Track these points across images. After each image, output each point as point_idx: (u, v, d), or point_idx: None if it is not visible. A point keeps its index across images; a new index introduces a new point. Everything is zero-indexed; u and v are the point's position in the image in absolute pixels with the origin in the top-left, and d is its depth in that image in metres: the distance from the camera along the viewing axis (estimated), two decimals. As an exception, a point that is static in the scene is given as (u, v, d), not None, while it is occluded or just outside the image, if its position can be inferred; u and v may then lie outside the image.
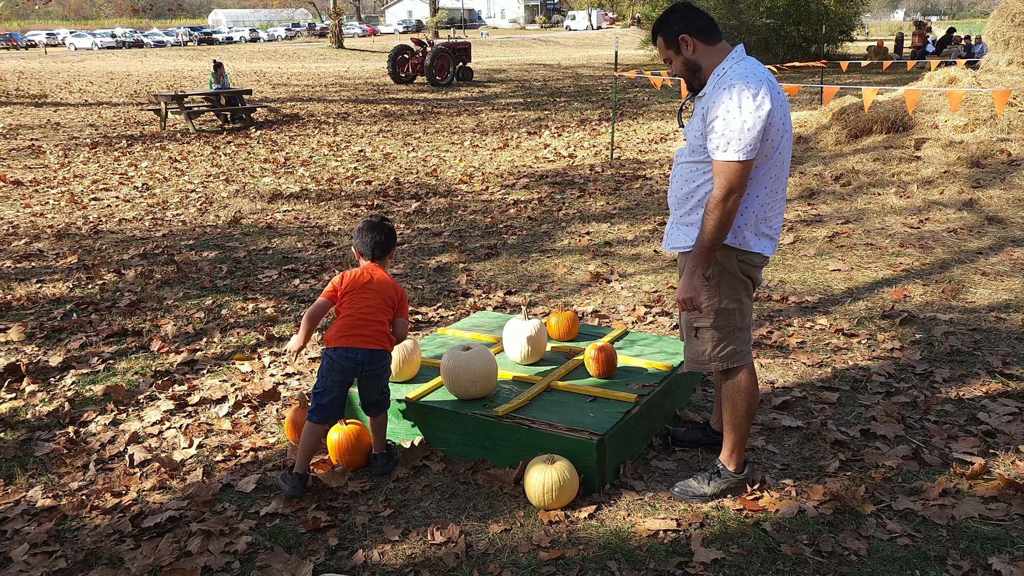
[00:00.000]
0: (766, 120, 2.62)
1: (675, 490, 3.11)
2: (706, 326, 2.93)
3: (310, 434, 3.16)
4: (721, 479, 3.07)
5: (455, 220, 7.98)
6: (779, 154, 2.75)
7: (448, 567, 2.73)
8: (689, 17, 2.78)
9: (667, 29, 2.80)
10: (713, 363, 2.97)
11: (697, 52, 2.77)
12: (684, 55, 2.79)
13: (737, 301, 2.90)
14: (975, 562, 2.68)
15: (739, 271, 2.86)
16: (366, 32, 71.96)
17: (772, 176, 2.78)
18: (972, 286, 5.45)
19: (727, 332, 2.93)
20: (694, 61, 2.79)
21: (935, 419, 3.67)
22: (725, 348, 2.94)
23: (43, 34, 64.81)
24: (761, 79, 2.65)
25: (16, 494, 3.26)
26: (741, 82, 2.62)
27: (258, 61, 38.23)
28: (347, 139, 13.98)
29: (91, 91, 23.65)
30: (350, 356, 3.10)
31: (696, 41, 2.76)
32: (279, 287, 5.96)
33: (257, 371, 4.45)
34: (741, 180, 2.64)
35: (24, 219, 8.33)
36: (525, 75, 29.50)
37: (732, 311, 2.91)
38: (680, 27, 2.77)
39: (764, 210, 2.82)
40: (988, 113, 9.82)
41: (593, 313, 5.22)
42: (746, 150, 2.61)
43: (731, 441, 3.05)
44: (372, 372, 3.17)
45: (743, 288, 2.90)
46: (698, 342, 2.97)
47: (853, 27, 34.64)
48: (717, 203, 2.66)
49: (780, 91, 2.75)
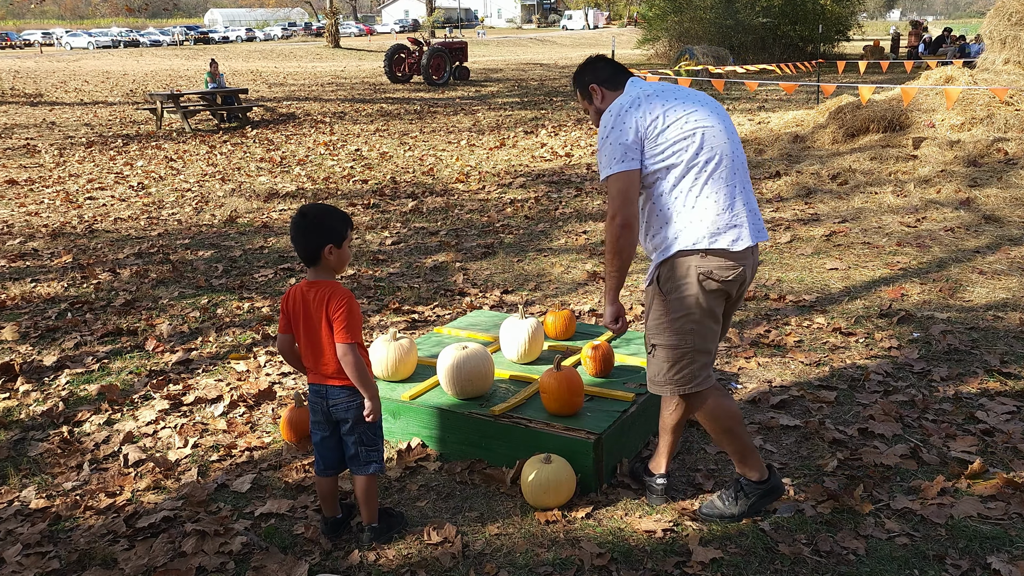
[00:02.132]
0: (630, 133, 2.64)
1: (702, 511, 2.97)
2: (661, 343, 2.78)
3: (316, 484, 2.92)
4: (745, 494, 2.91)
5: (452, 219, 7.97)
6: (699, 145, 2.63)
7: (444, 567, 2.71)
8: (596, 67, 2.93)
9: (579, 81, 2.96)
10: (668, 386, 2.80)
11: (605, 100, 2.89)
12: (595, 104, 2.92)
13: (694, 320, 2.71)
14: (974, 561, 2.67)
15: (697, 284, 2.67)
16: (362, 31, 71.89)
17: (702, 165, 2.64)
18: (969, 285, 5.44)
19: (683, 352, 2.74)
20: (602, 109, 2.88)
21: (933, 418, 3.66)
22: (681, 371, 2.76)
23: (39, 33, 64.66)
24: (637, 95, 2.72)
25: (9, 494, 3.23)
26: (614, 106, 2.74)
27: (254, 60, 38.16)
28: (343, 138, 13.96)
29: (87, 90, 23.59)
30: (315, 389, 2.75)
31: (603, 89, 2.89)
32: (275, 286, 5.94)
33: (252, 370, 4.43)
34: (620, 199, 2.67)
35: (19, 218, 8.29)
36: (522, 74, 29.48)
37: (689, 331, 2.72)
38: (589, 78, 2.92)
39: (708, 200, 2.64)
40: (985, 112, 9.82)
41: (590, 312, 5.21)
42: (612, 164, 2.67)
43: (734, 453, 2.91)
44: (337, 413, 2.72)
45: (702, 304, 2.69)
46: (652, 360, 2.84)
47: (849, 27, 34.69)
48: (608, 219, 2.72)
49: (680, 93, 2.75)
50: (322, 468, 2.82)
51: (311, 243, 2.61)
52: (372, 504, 2.82)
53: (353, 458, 2.76)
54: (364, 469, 2.76)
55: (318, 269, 2.66)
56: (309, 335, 2.68)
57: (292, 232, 2.65)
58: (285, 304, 2.73)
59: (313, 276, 2.67)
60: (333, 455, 2.79)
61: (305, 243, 2.62)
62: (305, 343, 2.70)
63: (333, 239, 2.62)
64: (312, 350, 2.69)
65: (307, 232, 2.62)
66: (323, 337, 2.64)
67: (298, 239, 2.63)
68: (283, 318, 2.74)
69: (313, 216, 2.63)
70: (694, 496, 3.11)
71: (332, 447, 2.79)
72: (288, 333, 2.75)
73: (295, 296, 2.69)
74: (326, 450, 2.79)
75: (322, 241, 2.61)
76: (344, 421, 2.72)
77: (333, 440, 2.78)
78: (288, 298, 2.72)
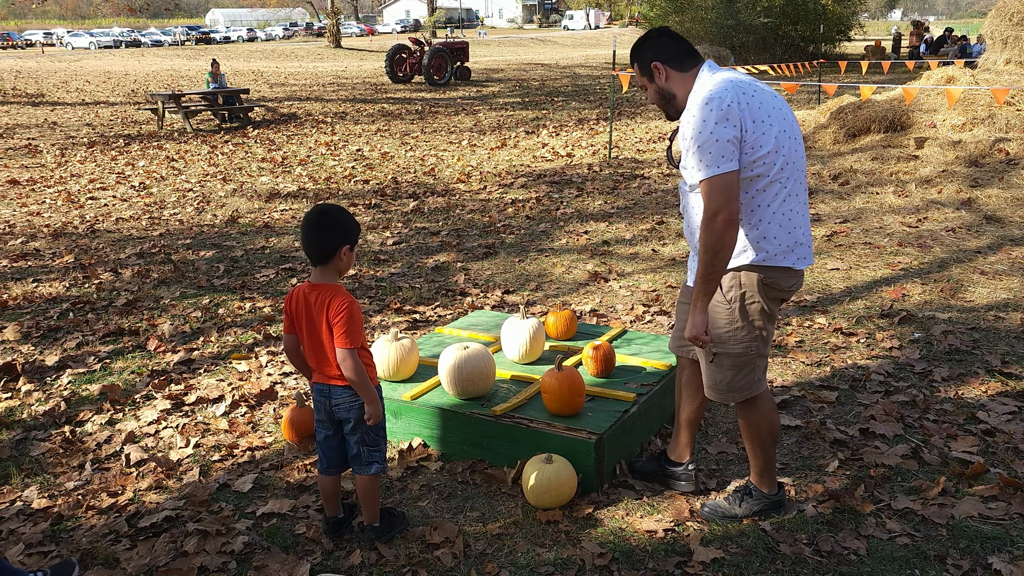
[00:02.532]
0: (736, 131, 2.50)
1: (704, 510, 2.98)
2: (725, 352, 2.74)
3: (319, 483, 2.89)
4: (753, 500, 2.93)
5: (453, 219, 7.97)
6: (784, 158, 2.59)
7: (446, 567, 2.72)
8: (661, 44, 2.73)
9: (640, 57, 2.76)
10: (731, 394, 2.80)
11: (670, 80, 2.71)
12: (657, 83, 2.74)
13: (759, 328, 2.71)
14: (975, 561, 2.67)
15: (763, 294, 2.67)
16: (364, 32, 71.90)
17: (783, 180, 2.61)
18: (971, 285, 5.44)
19: (746, 360, 2.74)
20: (667, 90, 2.73)
21: (934, 418, 3.66)
22: (744, 378, 2.76)
23: (40, 33, 64.68)
24: (727, 88, 2.54)
25: (11, 494, 3.24)
26: (704, 96, 2.55)
27: (255, 60, 38.18)
28: (345, 138, 13.96)
29: (88, 90, 23.61)
30: (318, 388, 2.75)
31: (668, 69, 2.71)
32: (276, 286, 5.94)
33: (254, 370, 4.43)
34: (726, 195, 2.49)
35: (21, 218, 8.30)
36: (523, 75, 29.49)
37: (754, 339, 2.72)
38: (652, 55, 2.72)
39: (781, 218, 2.62)
40: (986, 112, 9.82)
41: (591, 312, 5.21)
42: (719, 162, 2.49)
43: (758, 464, 2.91)
44: (339, 413, 2.73)
45: (767, 313, 2.70)
46: (715, 368, 2.79)
47: (851, 27, 34.66)
48: (705, 225, 2.52)
49: (765, 94, 2.61)
50: (325, 467, 2.82)
51: (328, 241, 2.59)
52: (374, 504, 2.82)
53: (355, 458, 2.76)
54: (366, 469, 2.76)
55: (325, 269, 2.64)
56: (311, 337, 2.68)
57: (307, 229, 2.61)
58: (288, 305, 2.72)
59: (318, 277, 2.66)
60: (336, 454, 2.80)
61: (322, 241, 2.59)
62: (308, 344, 2.70)
63: (349, 239, 2.63)
64: (315, 351, 2.69)
65: (325, 230, 2.60)
66: (324, 339, 2.64)
67: (314, 237, 2.60)
68: (287, 319, 2.74)
69: (333, 214, 2.62)
70: (698, 496, 3.11)
71: (335, 446, 2.78)
72: (293, 333, 2.75)
73: (297, 297, 2.69)
74: (329, 449, 2.79)
75: (339, 240, 2.61)
76: (346, 421, 2.72)
77: (336, 439, 2.78)
78: (291, 299, 2.72)
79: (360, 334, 2.65)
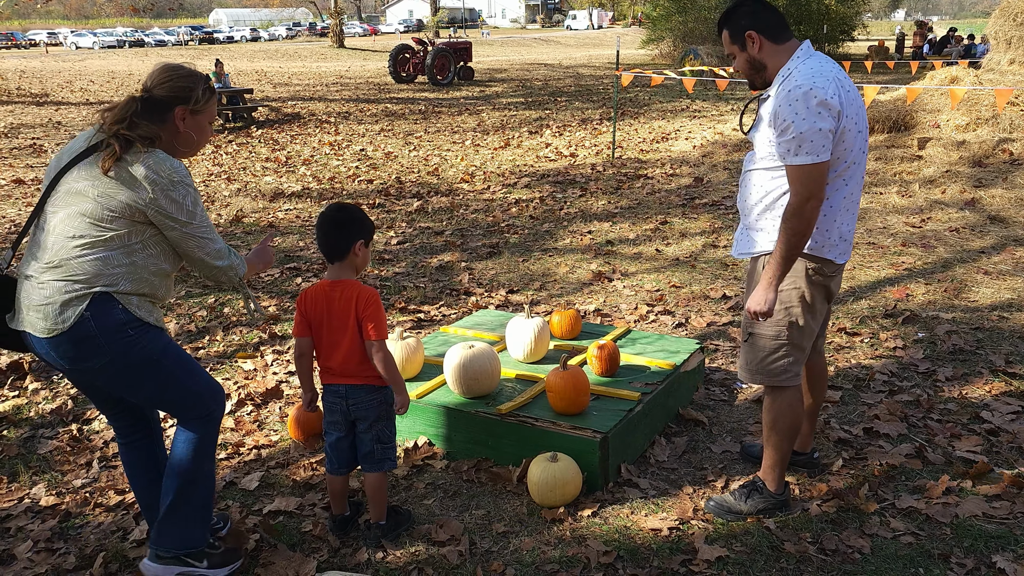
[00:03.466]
0: (838, 120, 2.51)
1: (710, 503, 2.99)
2: (761, 333, 2.79)
3: (327, 482, 2.90)
4: (760, 497, 2.93)
5: (457, 219, 7.99)
6: (854, 154, 2.62)
7: (451, 565, 2.73)
8: (757, 12, 2.66)
9: (733, 24, 2.69)
10: (759, 375, 2.83)
11: (763, 51, 2.66)
12: (749, 52, 2.68)
13: (800, 315, 2.73)
14: (979, 560, 2.68)
15: (808, 282, 2.70)
16: (367, 31, 71.97)
17: (848, 177, 2.65)
18: (974, 285, 5.45)
19: (778, 345, 2.77)
20: (759, 60, 2.68)
21: (938, 418, 3.67)
22: (776, 361, 2.79)
23: (44, 33, 64.83)
24: (829, 78, 2.53)
25: (20, 491, 3.26)
26: (807, 82, 2.50)
27: (259, 60, 38.23)
28: (348, 138, 13.98)
29: (92, 90, 23.65)
30: (333, 390, 2.75)
31: (763, 39, 2.65)
32: (281, 285, 5.96)
33: (260, 369, 4.45)
34: (818, 184, 2.51)
35: (26, 217, 8.33)
36: (526, 75, 29.50)
37: (793, 325, 2.74)
38: (747, 23, 2.66)
39: (838, 212, 2.66)
40: (990, 113, 9.81)
41: (595, 312, 5.23)
42: (818, 151, 2.49)
43: (771, 459, 2.92)
44: (357, 412, 2.74)
45: (809, 302, 2.72)
46: (748, 347, 2.83)
47: (854, 27, 34.64)
48: (795, 210, 2.53)
49: (852, 88, 2.61)
50: (336, 467, 2.83)
51: (345, 237, 2.64)
52: (382, 502, 2.84)
53: (368, 455, 2.78)
54: (378, 466, 2.78)
55: (342, 266, 2.67)
56: (332, 335, 2.68)
57: (325, 226, 2.65)
58: (302, 305, 2.71)
59: (335, 274, 2.68)
60: (348, 455, 2.82)
61: (339, 237, 2.64)
62: (327, 343, 2.70)
63: (364, 235, 2.67)
64: (334, 350, 2.69)
65: (343, 226, 2.65)
66: (348, 336, 2.65)
67: (331, 232, 2.64)
68: (300, 320, 2.72)
69: (349, 211, 2.68)
70: (702, 494, 3.12)
71: (348, 447, 2.81)
72: (306, 336, 2.73)
73: (315, 296, 2.69)
74: (341, 450, 2.81)
75: (356, 236, 2.65)
76: (363, 420, 2.74)
77: (349, 440, 2.80)
78: (305, 299, 2.71)
79: (387, 327, 2.69)
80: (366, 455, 2.78)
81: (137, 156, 2.29)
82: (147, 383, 2.42)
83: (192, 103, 2.40)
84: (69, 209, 2.29)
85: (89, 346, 2.30)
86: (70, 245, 2.28)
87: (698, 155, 11.08)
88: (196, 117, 2.44)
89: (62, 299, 2.27)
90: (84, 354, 2.31)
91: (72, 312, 2.27)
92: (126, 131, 2.30)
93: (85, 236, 2.28)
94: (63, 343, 2.29)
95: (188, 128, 2.43)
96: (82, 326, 2.27)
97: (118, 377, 2.38)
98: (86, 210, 2.27)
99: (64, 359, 2.33)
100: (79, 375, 2.41)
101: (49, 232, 2.31)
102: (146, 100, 2.38)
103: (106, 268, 2.30)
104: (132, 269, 2.34)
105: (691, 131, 13.58)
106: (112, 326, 2.30)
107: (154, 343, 2.40)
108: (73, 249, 2.28)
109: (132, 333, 2.34)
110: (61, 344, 2.30)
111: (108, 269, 2.30)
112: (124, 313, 2.33)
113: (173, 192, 2.31)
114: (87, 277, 2.28)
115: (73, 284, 2.27)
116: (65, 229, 2.29)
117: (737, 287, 5.60)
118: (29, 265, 2.34)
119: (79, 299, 2.28)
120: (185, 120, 2.42)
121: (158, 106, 2.38)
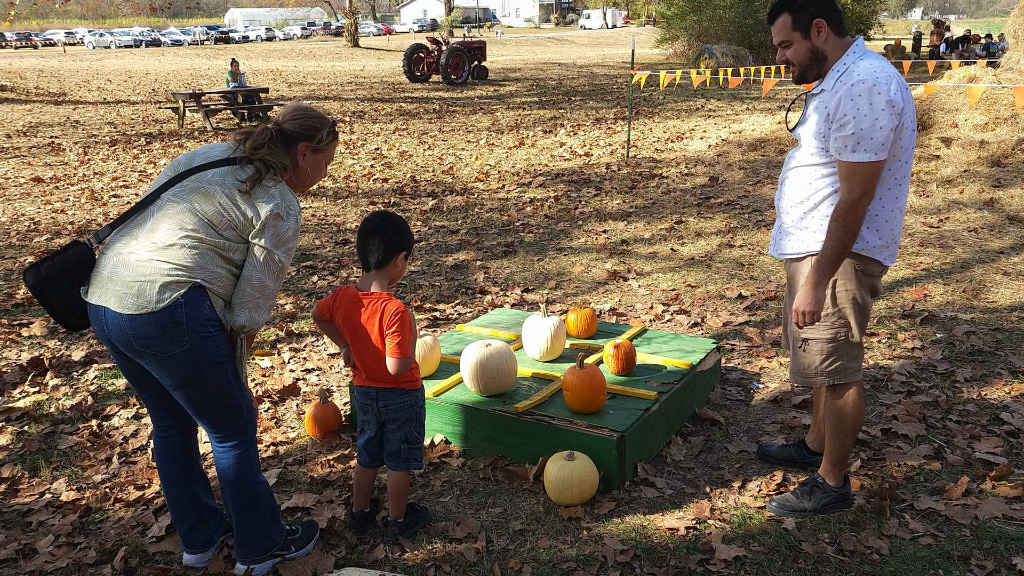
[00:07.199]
0: (899, 119, 2.49)
1: (772, 504, 2.99)
2: (815, 338, 2.76)
3: (355, 475, 2.93)
4: (823, 493, 2.93)
5: (472, 218, 8.00)
6: (908, 152, 2.60)
7: (468, 562, 2.74)
8: (828, 2, 2.59)
9: (800, 10, 2.60)
10: (819, 377, 2.80)
11: (828, 41, 2.60)
12: (812, 41, 2.61)
13: (852, 314, 2.72)
14: (999, 562, 2.66)
15: (857, 282, 2.69)
16: (381, 31, 72.14)
17: (900, 177, 2.62)
18: (993, 286, 5.41)
19: (838, 346, 2.76)
20: (821, 50, 2.61)
21: (957, 419, 3.64)
22: (834, 363, 2.77)
23: (62, 33, 65.34)
24: (891, 75, 2.49)
25: (41, 486, 3.29)
26: (871, 78, 2.46)
27: (274, 60, 38.40)
28: (363, 137, 14.03)
29: (109, 89, 23.84)
30: (364, 391, 2.79)
31: (830, 30, 2.59)
32: (297, 284, 5.99)
33: (277, 366, 4.47)
34: (872, 182, 2.48)
35: (45, 215, 8.41)
36: (540, 74, 29.49)
37: (845, 324, 2.73)
38: (816, 10, 2.58)
39: (888, 213, 2.65)
40: (1009, 112, 9.73)
41: (611, 311, 5.22)
42: (877, 150, 2.46)
43: (832, 455, 2.91)
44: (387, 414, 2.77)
45: (859, 301, 2.71)
46: (804, 354, 2.80)
47: (871, 26, 34.44)
48: (848, 208, 2.50)
49: (907, 87, 2.57)
50: (367, 461, 2.87)
51: (389, 247, 2.63)
52: (402, 500, 2.86)
53: (395, 454, 2.80)
54: (404, 465, 2.81)
55: (379, 275, 2.66)
56: (359, 342, 2.71)
57: (369, 232, 2.64)
58: (335, 299, 2.72)
59: (369, 282, 2.67)
60: (378, 452, 2.86)
61: (384, 246, 2.63)
62: (356, 348, 2.73)
63: (406, 246, 2.69)
64: (364, 355, 2.72)
65: (389, 235, 2.64)
66: (375, 347, 2.67)
67: (376, 241, 2.63)
68: (331, 304, 2.72)
69: (394, 220, 2.68)
70: (719, 494, 3.12)
71: (377, 446, 2.85)
72: (331, 320, 2.75)
73: (348, 298, 2.70)
74: (371, 448, 2.85)
75: (399, 248, 2.66)
76: (393, 420, 2.77)
77: (379, 439, 2.84)
78: (340, 296, 2.72)
79: (413, 344, 2.67)
80: (392, 453, 2.81)
81: (271, 182, 2.44)
82: (206, 384, 2.47)
83: (315, 141, 2.55)
84: (191, 204, 2.39)
85: (174, 332, 2.35)
86: (181, 234, 2.37)
87: (713, 154, 11.04)
88: (316, 155, 2.59)
89: (163, 280, 2.33)
90: (165, 338, 2.36)
91: (169, 295, 2.33)
92: (269, 158, 2.45)
93: (199, 233, 2.37)
94: (146, 323, 2.33)
95: (306, 164, 2.58)
96: (174, 310, 2.34)
97: (184, 369, 2.42)
98: (206, 212, 2.38)
99: (139, 340, 2.36)
100: (145, 360, 2.43)
101: (164, 218, 2.39)
102: (277, 132, 2.52)
103: (210, 265, 2.39)
104: (229, 276, 2.44)
105: (706, 130, 13.53)
106: (199, 318, 2.38)
107: (224, 348, 2.47)
108: (184, 239, 2.36)
109: (212, 332, 2.42)
110: (143, 324, 2.33)
111: (211, 267, 2.39)
112: (211, 310, 2.41)
113: (282, 224, 2.42)
114: (192, 267, 2.36)
115: (178, 270, 2.34)
116: (183, 220, 2.38)
117: (753, 287, 5.58)
118: (128, 244, 2.40)
119: (178, 284, 2.34)
120: (305, 156, 2.57)
121: (285, 139, 2.52)
